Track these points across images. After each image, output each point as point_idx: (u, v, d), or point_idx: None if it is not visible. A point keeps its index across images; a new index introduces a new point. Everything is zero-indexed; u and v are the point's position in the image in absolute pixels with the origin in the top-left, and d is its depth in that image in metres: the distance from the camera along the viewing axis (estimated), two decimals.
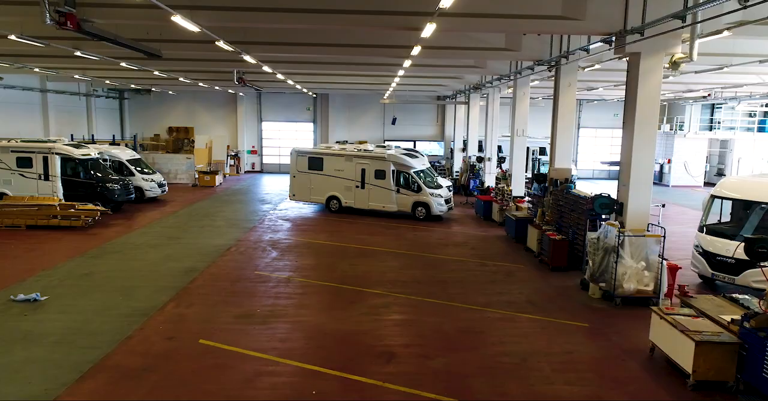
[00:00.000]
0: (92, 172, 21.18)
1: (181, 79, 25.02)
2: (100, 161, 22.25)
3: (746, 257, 8.13)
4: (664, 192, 31.75)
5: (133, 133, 38.68)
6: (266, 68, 19.54)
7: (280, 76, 22.78)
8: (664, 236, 11.28)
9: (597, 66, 17.21)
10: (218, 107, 39.33)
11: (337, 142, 34.94)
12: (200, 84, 28.66)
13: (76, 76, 24.64)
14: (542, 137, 33.31)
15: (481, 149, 29.91)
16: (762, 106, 34.74)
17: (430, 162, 36.44)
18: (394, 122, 39.10)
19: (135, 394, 7.41)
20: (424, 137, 40.40)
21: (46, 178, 20.57)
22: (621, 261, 11.28)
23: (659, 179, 37.56)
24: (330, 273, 13.55)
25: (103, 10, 10.79)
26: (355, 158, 22.01)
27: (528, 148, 30.44)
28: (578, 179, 39.29)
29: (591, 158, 40.84)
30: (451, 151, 36.62)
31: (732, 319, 8.04)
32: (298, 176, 23.13)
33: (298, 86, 29.23)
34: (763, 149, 35.12)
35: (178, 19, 10.08)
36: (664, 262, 11.29)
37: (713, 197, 13.37)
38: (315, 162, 22.74)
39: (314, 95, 38.08)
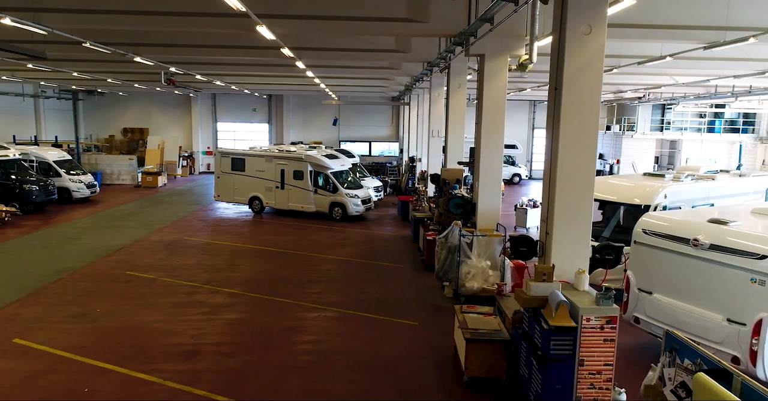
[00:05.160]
0: (9, 173, 21.26)
1: (109, 80, 25.11)
2: (21, 162, 22.31)
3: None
4: None
5: (88, 134, 38.77)
6: (174, 69, 19.66)
7: (199, 77, 22.89)
8: (505, 236, 11.40)
9: None
10: (173, 108, 39.41)
11: (291, 143, 35.21)
12: (136, 85, 28.71)
13: (5, 78, 24.67)
14: None
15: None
16: (710, 106, 34.97)
17: (384, 163, 37.01)
18: (335, 122, 39.32)
19: None
20: (379, 137, 40.59)
21: None
22: (466, 260, 11.40)
23: None
24: (201, 274, 13.64)
25: None
26: (275, 158, 22.14)
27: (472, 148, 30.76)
28: (530, 179, 39.92)
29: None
30: (401, 151, 36.87)
31: None
32: (222, 176, 23.24)
33: (234, 87, 29.28)
34: (711, 149, 35.37)
35: (7, 21, 10.17)
36: (507, 261, 11.41)
37: None
38: (237, 163, 22.85)
39: (265, 96, 38.15)
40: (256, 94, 36.01)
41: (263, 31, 10.70)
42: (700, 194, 12.84)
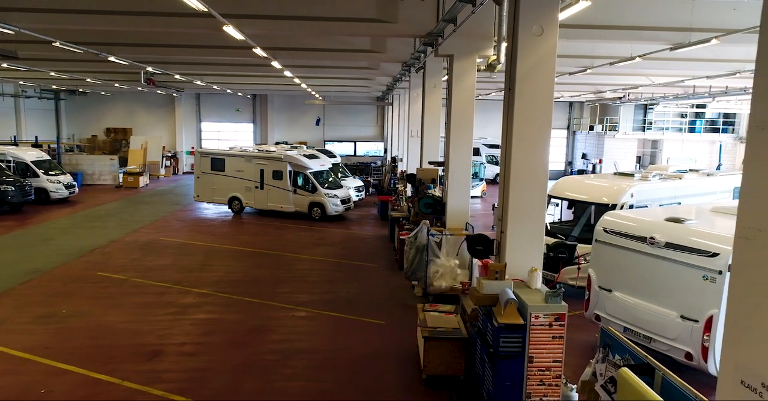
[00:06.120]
0: None
1: (89, 80, 24.95)
2: None
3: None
4: None
5: (70, 134, 38.49)
6: (151, 69, 19.59)
7: (178, 77, 22.82)
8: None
9: None
10: (157, 108, 39.20)
11: (276, 143, 35.18)
12: (116, 85, 28.55)
13: None
14: (476, 137, 33.82)
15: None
16: (691, 107, 35.34)
17: (369, 163, 37.07)
18: (318, 122, 39.36)
19: None
20: (364, 137, 40.63)
21: None
22: (434, 259, 11.46)
23: None
24: (174, 274, 13.59)
25: None
26: (254, 158, 22.12)
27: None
28: None
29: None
30: (385, 151, 36.98)
31: None
32: (202, 177, 23.16)
33: (216, 87, 29.19)
34: (691, 149, 35.77)
35: None
36: (475, 260, 11.47)
37: (549, 196, 13.63)
38: (217, 163, 22.79)
39: (249, 96, 38.06)
40: (239, 94, 35.92)
41: (230, 31, 10.71)
42: (667, 193, 13.01)
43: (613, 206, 11.88)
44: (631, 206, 12.02)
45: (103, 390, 7.70)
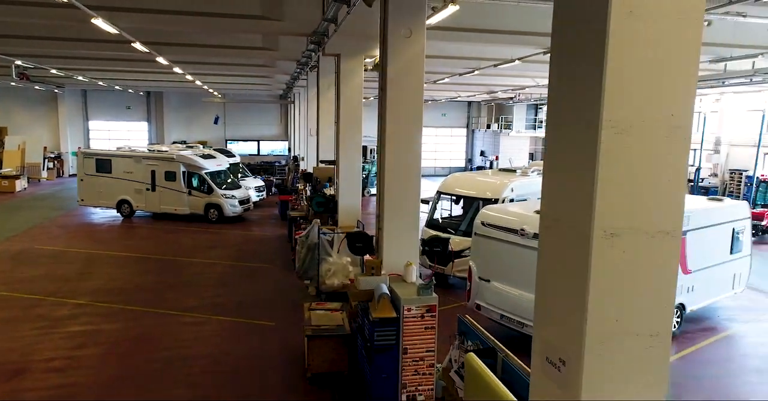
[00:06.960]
0: None
1: None
2: None
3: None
4: None
5: None
6: (20, 62, 17.97)
7: (55, 71, 21.11)
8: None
9: None
10: (37, 105, 35.91)
11: (173, 142, 33.56)
12: None
13: None
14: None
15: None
16: None
17: (273, 162, 36.39)
18: (216, 121, 38.23)
19: None
20: (268, 136, 39.85)
21: None
22: (326, 258, 11.50)
23: None
24: (47, 285, 12.56)
25: None
26: (144, 159, 20.98)
27: (366, 147, 31.17)
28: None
29: (442, 156, 42.52)
30: (289, 150, 36.57)
31: None
32: (87, 179, 21.62)
33: (102, 83, 27.34)
34: None
35: None
36: (364, 257, 11.65)
37: (438, 193, 14.16)
38: (103, 164, 21.36)
39: (142, 93, 36.02)
40: (131, 91, 33.87)
41: (100, 23, 10.05)
42: None
43: (496, 201, 12.55)
44: (512, 200, 12.76)
45: None
